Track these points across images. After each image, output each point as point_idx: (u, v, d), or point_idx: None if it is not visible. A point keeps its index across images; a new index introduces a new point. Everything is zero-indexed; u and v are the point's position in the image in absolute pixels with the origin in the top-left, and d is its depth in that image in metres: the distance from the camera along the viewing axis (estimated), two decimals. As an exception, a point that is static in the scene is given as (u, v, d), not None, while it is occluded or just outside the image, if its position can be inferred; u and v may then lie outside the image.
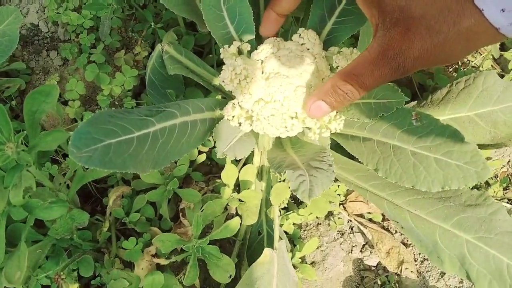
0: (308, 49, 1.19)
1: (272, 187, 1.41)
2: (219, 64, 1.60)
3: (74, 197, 1.38)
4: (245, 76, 1.11)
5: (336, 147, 1.32)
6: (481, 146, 1.33)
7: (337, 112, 1.16)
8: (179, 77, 1.36)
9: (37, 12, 1.76)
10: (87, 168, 1.34)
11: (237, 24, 1.23)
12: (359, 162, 1.21)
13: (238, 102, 1.17)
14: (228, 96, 1.35)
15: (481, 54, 1.69)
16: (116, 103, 1.59)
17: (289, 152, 1.17)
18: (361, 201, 1.47)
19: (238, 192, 1.43)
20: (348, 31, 1.23)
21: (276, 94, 1.12)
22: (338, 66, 1.16)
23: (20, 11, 1.76)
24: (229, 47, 1.20)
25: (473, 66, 1.67)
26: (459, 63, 1.68)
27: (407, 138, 1.07)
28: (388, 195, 1.19)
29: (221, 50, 1.21)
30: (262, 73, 1.15)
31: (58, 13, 1.64)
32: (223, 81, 1.11)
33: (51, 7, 1.65)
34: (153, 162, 1.03)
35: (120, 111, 1.03)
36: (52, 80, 1.64)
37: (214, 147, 1.44)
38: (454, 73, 1.67)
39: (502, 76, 1.58)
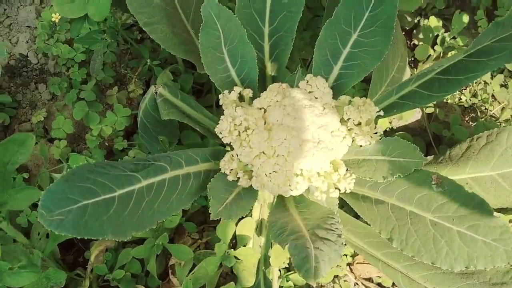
0: (317, 98, 1.07)
1: (271, 243, 1.28)
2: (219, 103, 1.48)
3: (53, 249, 1.24)
4: (245, 128, 0.99)
5: (343, 202, 1.19)
6: (504, 210, 1.20)
7: (347, 170, 1.04)
8: (173, 121, 1.24)
9: (27, 42, 1.65)
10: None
11: (239, 67, 1.12)
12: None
13: (237, 154, 1.05)
14: (227, 144, 1.23)
15: (500, 103, 1.57)
16: (106, 143, 1.46)
17: (292, 213, 1.04)
18: (370, 264, 1.33)
19: (235, 247, 1.29)
20: (356, 77, 1.12)
21: (279, 148, 1.00)
22: (349, 118, 1.04)
23: (10, 40, 1.66)
24: (229, 93, 1.09)
25: (491, 116, 1.56)
26: (478, 112, 1.56)
27: (427, 205, 0.94)
28: (403, 267, 1.05)
29: (220, 96, 1.10)
30: (265, 123, 1.03)
31: (48, 44, 1.54)
32: (221, 133, 0.99)
33: (41, 37, 1.54)
34: (136, 225, 0.90)
35: (103, 165, 0.91)
36: (39, 116, 1.52)
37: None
38: (471, 123, 1.56)
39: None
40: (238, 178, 1.06)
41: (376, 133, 1.04)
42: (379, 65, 1.10)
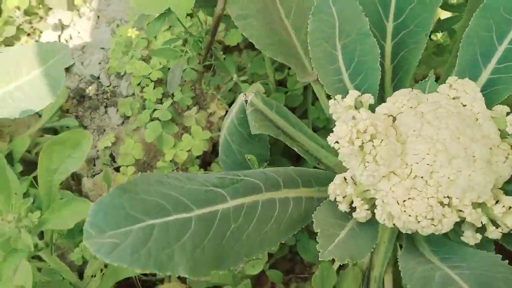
0: (465, 105, 0.79)
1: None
2: (315, 131, 1.23)
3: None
4: (371, 136, 0.71)
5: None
6: None
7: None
8: (264, 140, 1.00)
9: (99, 63, 1.50)
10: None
11: (353, 70, 0.87)
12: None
13: (352, 177, 0.78)
14: (331, 171, 0.96)
15: None
16: (180, 172, 1.24)
17: (431, 259, 0.74)
18: None
19: (332, 305, 1.00)
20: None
21: (417, 166, 0.72)
22: (516, 131, 0.75)
23: (82, 62, 1.52)
24: (342, 98, 0.83)
25: None
26: None
27: None
28: None
29: (330, 102, 0.85)
30: (396, 134, 0.76)
31: (122, 62, 1.36)
32: (338, 142, 0.72)
33: (115, 55, 1.38)
34: (218, 260, 0.64)
35: (177, 176, 0.66)
36: (106, 141, 1.33)
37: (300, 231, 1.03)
38: None
39: None
40: (352, 207, 0.78)
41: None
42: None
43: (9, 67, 1.05)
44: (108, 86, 1.47)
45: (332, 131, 0.74)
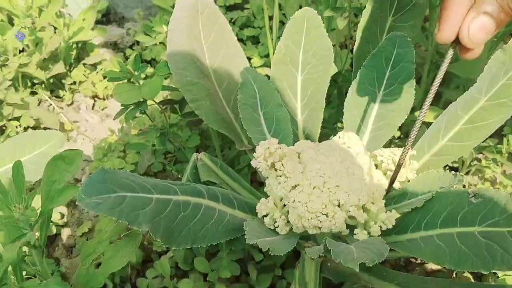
0: (350, 147, 1.12)
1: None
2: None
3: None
4: (280, 157, 1.03)
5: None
6: None
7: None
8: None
9: (82, 169, 1.80)
10: None
11: (274, 132, 1.20)
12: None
13: (273, 200, 1.06)
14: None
15: None
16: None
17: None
18: None
19: None
20: (385, 137, 1.20)
21: (314, 179, 1.01)
22: (383, 161, 1.07)
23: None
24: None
25: None
26: None
27: (471, 220, 0.90)
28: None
29: (256, 148, 1.16)
30: (300, 164, 1.06)
31: (103, 161, 1.68)
32: (257, 159, 1.03)
33: (97, 156, 1.70)
34: (169, 232, 0.90)
35: (141, 176, 0.95)
36: (84, 228, 1.58)
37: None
38: None
39: None
40: (275, 221, 1.04)
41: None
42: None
43: (16, 148, 1.34)
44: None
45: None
